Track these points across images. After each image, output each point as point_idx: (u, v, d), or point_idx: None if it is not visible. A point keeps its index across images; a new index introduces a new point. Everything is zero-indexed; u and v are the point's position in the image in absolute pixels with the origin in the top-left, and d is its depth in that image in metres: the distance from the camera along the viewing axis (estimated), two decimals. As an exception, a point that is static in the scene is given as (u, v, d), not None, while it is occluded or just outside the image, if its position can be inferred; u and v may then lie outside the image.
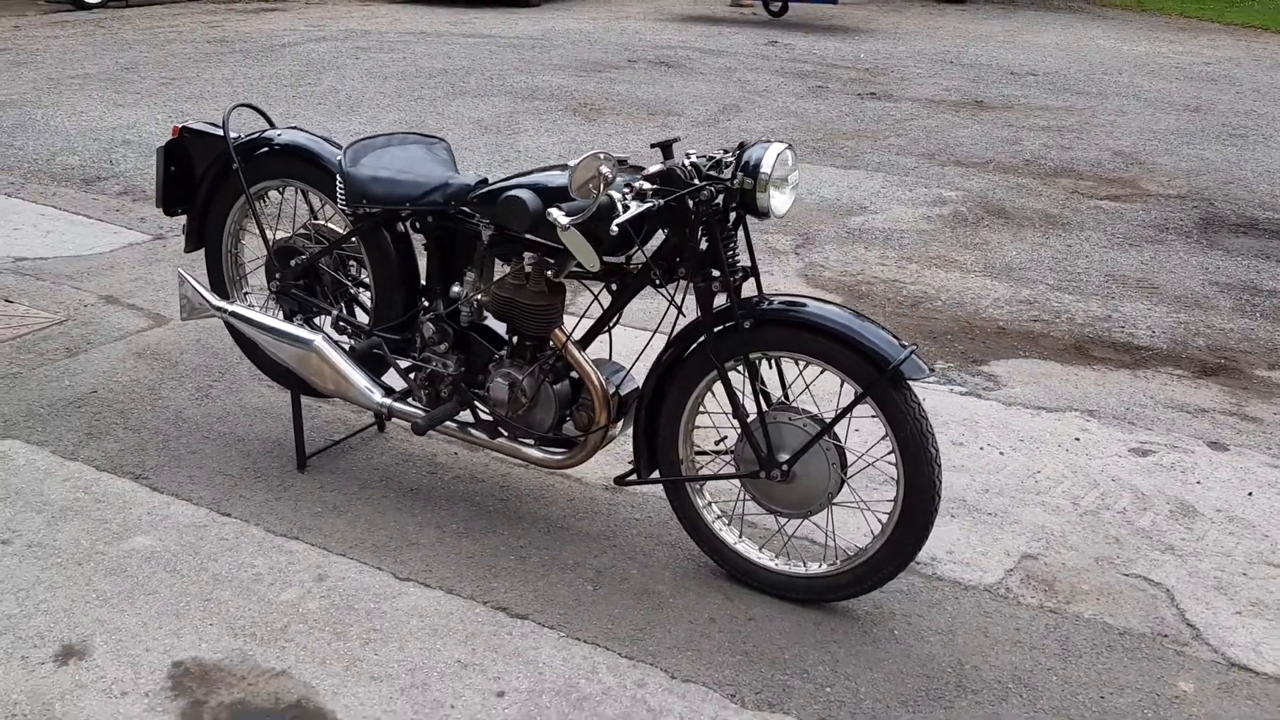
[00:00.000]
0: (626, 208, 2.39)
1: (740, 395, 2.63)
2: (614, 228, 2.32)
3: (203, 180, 3.23)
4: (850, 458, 2.67)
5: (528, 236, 2.67)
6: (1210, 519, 3.16)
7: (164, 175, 3.21)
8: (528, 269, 2.73)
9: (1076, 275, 5.24)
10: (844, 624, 2.65)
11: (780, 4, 14.86)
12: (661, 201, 2.43)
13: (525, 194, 2.57)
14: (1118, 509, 3.21)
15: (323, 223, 3.17)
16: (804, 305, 2.55)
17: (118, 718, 2.24)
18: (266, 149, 3.11)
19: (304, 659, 2.43)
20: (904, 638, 2.61)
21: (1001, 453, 3.52)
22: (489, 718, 2.30)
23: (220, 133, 3.13)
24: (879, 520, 2.61)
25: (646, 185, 2.44)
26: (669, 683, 2.42)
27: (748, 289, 2.69)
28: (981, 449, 3.53)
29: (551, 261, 2.68)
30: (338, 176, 2.86)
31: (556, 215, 2.39)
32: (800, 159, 6.78)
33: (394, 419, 2.99)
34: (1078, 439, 3.62)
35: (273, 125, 3.22)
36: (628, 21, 13.99)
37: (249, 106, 3.26)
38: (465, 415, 2.96)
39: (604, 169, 2.31)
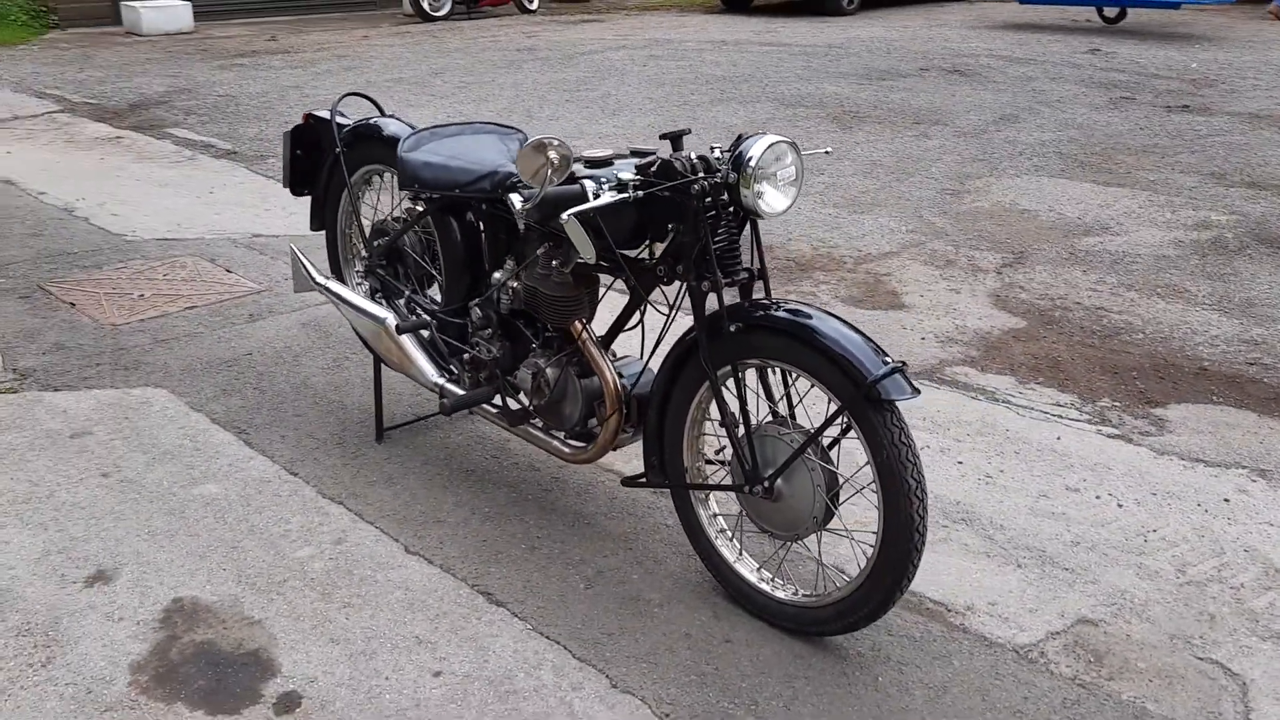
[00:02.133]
0: (598, 195, 2.33)
1: (743, 403, 2.48)
2: (564, 216, 2.27)
3: (323, 164, 3.48)
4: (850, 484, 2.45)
5: (551, 226, 2.67)
6: (1350, 610, 2.61)
7: (290, 157, 3.49)
8: (552, 259, 2.72)
9: (1333, 316, 4.47)
10: (826, 660, 2.44)
11: (1117, 10, 13.73)
12: (641, 193, 2.35)
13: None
14: (1234, 584, 2.72)
15: (415, 207, 3.31)
16: (799, 312, 2.36)
17: (104, 639, 2.47)
18: (367, 137, 3.30)
19: (283, 613, 2.57)
20: (886, 686, 2.36)
21: (1121, 505, 3.08)
22: (416, 693, 2.32)
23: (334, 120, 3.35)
24: (865, 553, 2.38)
25: (629, 176, 2.37)
26: (606, 690, 2.34)
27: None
28: (1098, 498, 3.11)
29: (557, 250, 2.65)
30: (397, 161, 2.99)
31: (513, 199, 2.37)
32: (1059, 174, 6.19)
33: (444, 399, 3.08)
34: (1227, 500, 3.11)
35: (383, 114, 3.41)
36: (940, 29, 13.45)
37: (360, 95, 3.47)
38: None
39: (552, 154, 2.27)
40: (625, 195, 2.34)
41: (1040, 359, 4.10)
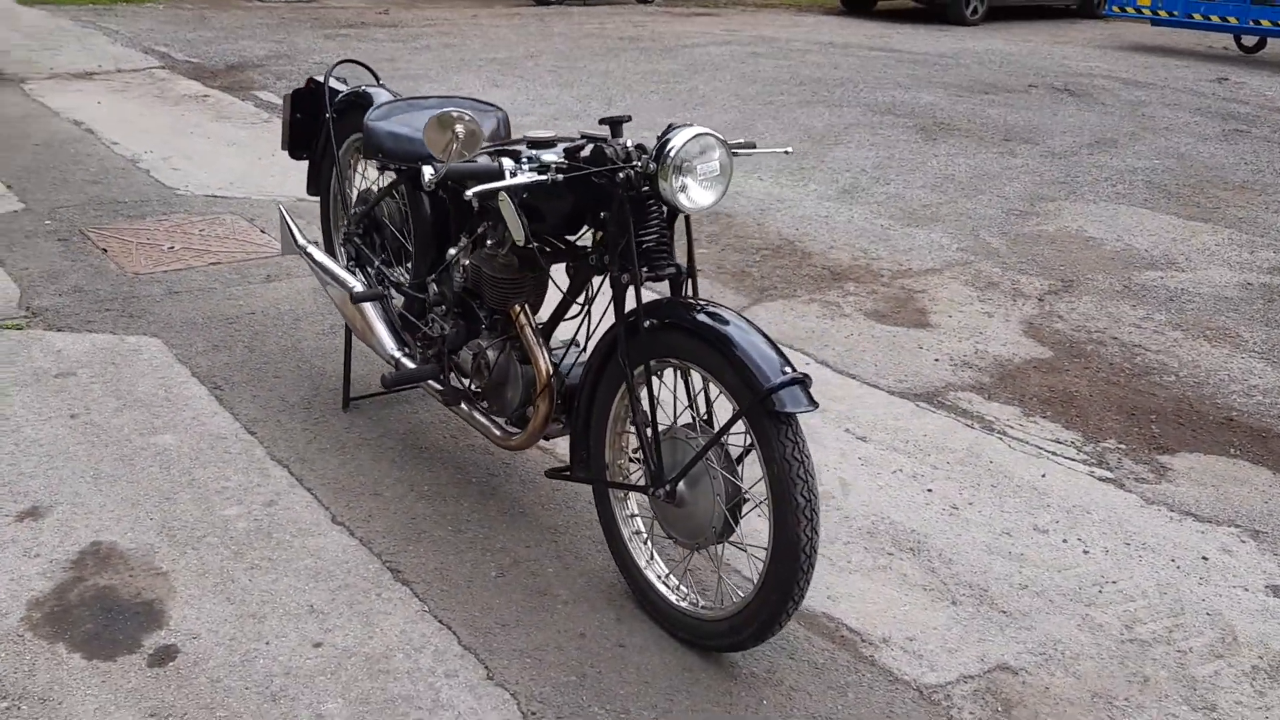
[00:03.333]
0: (515, 175, 2.28)
1: (652, 403, 2.40)
2: (468, 194, 2.22)
3: (320, 129, 3.50)
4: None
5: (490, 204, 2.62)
6: (1303, 691, 2.39)
7: (290, 120, 3.52)
8: (489, 239, 2.67)
9: (1394, 376, 4.13)
10: (715, 677, 2.34)
11: (1256, 39, 13.03)
12: (561, 177, 2.28)
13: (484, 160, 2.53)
14: (1182, 647, 2.52)
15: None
16: (716, 316, 2.27)
17: (14, 573, 2.53)
18: (358, 105, 3.31)
19: (191, 567, 2.59)
20: (768, 711, 2.26)
21: (1087, 551, 2.89)
22: (290, 661, 2.31)
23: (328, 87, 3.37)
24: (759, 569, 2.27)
25: (552, 158, 2.31)
26: (479, 681, 2.29)
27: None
28: (1064, 542, 2.93)
29: (495, 230, 2.61)
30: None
31: (424, 171, 2.33)
32: (1140, 204, 5.91)
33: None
34: (1206, 558, 2.89)
35: (378, 81, 3.41)
36: (1063, 47, 12.96)
37: (356, 62, 3.48)
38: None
39: (458, 129, 2.21)
40: (544, 178, 2.28)
41: (1055, 392, 3.89)
